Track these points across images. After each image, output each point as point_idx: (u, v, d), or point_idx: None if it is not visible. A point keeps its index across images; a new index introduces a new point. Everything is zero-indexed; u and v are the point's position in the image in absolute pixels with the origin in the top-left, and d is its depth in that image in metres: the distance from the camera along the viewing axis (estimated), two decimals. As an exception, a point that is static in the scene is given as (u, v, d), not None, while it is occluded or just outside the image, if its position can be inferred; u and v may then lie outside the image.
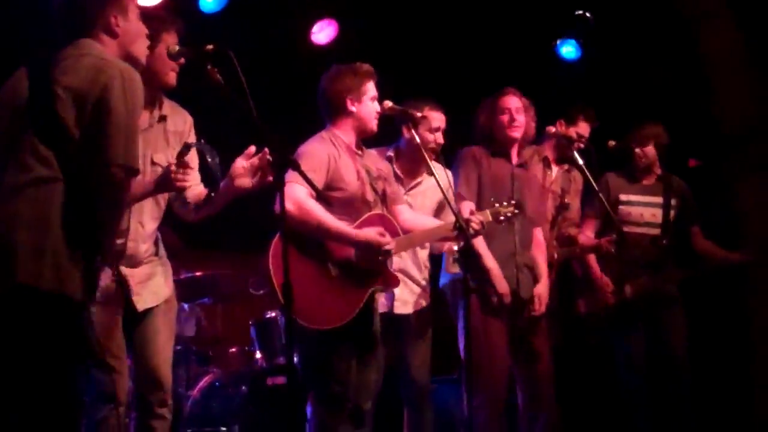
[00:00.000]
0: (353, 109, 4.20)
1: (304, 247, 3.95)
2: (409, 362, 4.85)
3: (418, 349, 4.87)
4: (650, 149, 5.55)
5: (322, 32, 6.60)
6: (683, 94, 6.61)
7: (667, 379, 5.40)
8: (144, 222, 3.75)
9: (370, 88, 4.23)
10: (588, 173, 4.91)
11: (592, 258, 5.53)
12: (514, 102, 4.90)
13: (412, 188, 4.96)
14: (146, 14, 3.35)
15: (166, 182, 3.45)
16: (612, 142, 5.54)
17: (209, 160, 3.47)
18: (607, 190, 5.44)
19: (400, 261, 4.75)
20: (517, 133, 4.90)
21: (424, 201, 4.95)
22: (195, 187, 3.79)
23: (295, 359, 4.10)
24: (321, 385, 4.07)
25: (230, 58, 3.30)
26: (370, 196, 4.20)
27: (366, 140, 4.36)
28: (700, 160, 6.06)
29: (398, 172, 4.90)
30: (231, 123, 3.89)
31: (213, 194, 3.66)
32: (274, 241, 3.89)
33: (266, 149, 3.53)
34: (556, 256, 5.29)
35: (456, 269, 4.68)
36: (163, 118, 3.81)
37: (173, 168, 3.41)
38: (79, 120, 2.97)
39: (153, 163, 3.74)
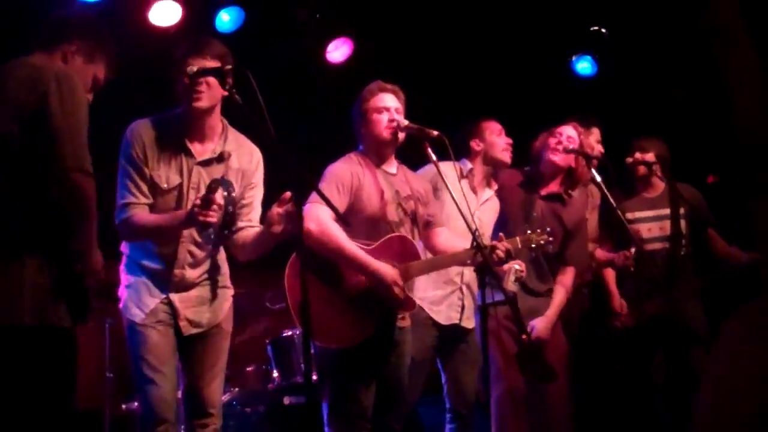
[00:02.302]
0: (363, 130, 4.28)
1: (321, 266, 3.97)
2: (464, 380, 4.72)
3: (472, 368, 4.75)
4: (650, 156, 5.51)
5: (338, 51, 6.63)
6: (701, 110, 6.58)
7: (690, 404, 5.30)
8: (193, 250, 3.75)
9: (374, 102, 4.26)
10: (606, 190, 4.88)
11: (610, 278, 5.48)
12: (569, 130, 4.94)
13: (483, 203, 4.90)
14: (173, 38, 3.39)
15: (192, 217, 3.49)
16: (630, 159, 5.52)
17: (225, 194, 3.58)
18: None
19: (468, 276, 4.72)
20: (556, 158, 4.91)
21: (490, 216, 4.91)
22: (248, 228, 3.81)
23: (313, 377, 4.09)
24: (338, 403, 4.05)
25: (248, 77, 3.32)
26: (393, 216, 4.19)
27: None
28: (718, 175, 6.01)
29: (474, 185, 4.88)
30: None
31: (227, 231, 3.74)
32: (290, 260, 3.93)
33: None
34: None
35: (514, 287, 4.65)
36: (225, 155, 3.77)
37: (196, 203, 3.45)
38: (20, 133, 2.98)
39: None
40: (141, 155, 3.64)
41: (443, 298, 4.67)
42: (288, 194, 3.55)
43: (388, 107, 4.25)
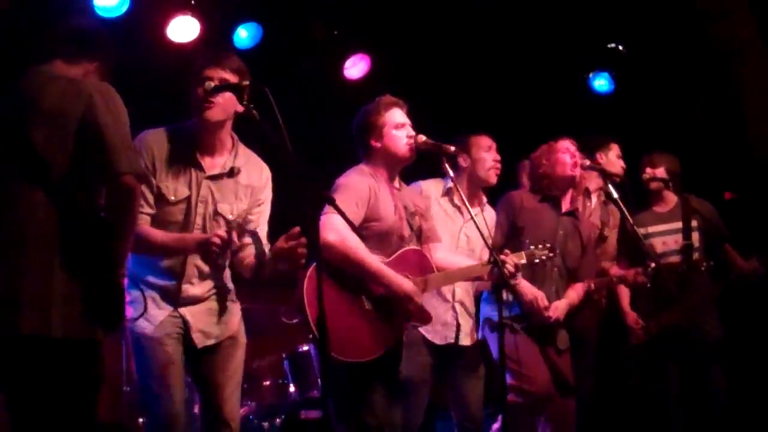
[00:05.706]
0: (377, 145, 4.23)
1: (339, 278, 3.94)
2: (467, 395, 4.73)
3: (476, 383, 4.77)
4: (661, 171, 5.53)
5: (355, 67, 6.67)
6: (718, 127, 6.58)
7: (706, 417, 5.28)
8: (200, 265, 3.74)
9: (392, 118, 4.24)
10: (623, 207, 4.88)
11: (623, 296, 5.48)
12: (572, 146, 4.96)
13: (468, 220, 4.85)
14: (191, 54, 3.39)
15: (205, 249, 3.52)
16: (646, 175, 5.54)
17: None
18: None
19: (460, 293, 4.74)
20: (575, 173, 4.94)
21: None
22: (252, 246, 3.81)
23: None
24: (355, 418, 4.03)
25: (266, 93, 3.33)
26: (406, 231, 4.20)
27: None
28: (735, 192, 6.00)
29: (457, 202, 4.87)
30: (267, 158, 3.91)
31: (259, 268, 3.75)
32: (309, 272, 3.84)
33: (301, 238, 3.52)
34: (593, 286, 5.24)
35: None
36: (235, 171, 3.76)
37: (216, 240, 3.48)
38: (63, 144, 2.99)
39: (216, 213, 3.72)
40: (150, 166, 3.61)
41: (437, 318, 4.59)
42: (297, 229, 3.52)
43: (404, 123, 4.26)
